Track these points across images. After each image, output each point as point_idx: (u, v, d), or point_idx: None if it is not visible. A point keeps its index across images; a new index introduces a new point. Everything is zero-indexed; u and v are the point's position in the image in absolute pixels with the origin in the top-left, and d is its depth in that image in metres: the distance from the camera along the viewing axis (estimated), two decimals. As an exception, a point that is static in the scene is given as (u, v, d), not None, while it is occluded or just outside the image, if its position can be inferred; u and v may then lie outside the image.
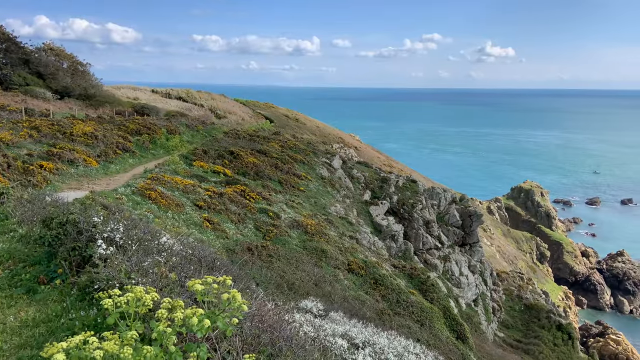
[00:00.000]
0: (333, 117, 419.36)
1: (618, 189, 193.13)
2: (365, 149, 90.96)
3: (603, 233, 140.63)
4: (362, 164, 56.10)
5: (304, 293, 14.74)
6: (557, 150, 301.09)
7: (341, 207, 35.53)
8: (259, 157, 35.99)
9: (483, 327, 35.45)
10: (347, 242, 26.66)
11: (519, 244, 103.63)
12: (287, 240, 21.18)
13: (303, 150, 45.84)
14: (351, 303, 16.03)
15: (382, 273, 22.14)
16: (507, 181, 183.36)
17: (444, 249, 41.40)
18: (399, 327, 15.96)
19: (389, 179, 47.50)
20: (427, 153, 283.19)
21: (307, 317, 7.06)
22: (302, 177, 36.56)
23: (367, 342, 6.17)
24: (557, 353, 38.31)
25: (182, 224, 18.43)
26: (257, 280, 14.60)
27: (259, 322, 4.11)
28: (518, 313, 44.51)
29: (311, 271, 17.88)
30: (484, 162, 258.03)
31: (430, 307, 20.42)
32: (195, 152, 33.33)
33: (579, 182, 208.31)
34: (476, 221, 46.85)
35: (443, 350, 16.22)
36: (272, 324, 4.09)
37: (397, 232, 37.55)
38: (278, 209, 26.19)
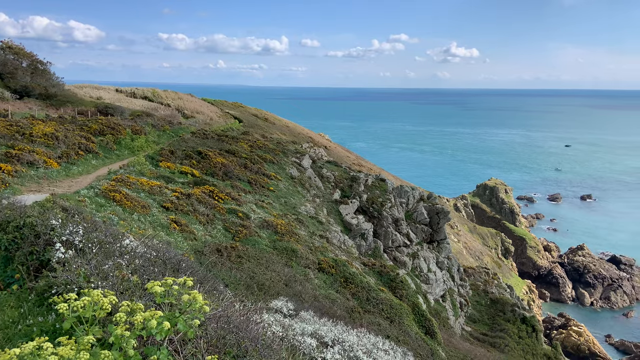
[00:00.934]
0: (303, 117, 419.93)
1: (578, 185, 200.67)
2: (335, 149, 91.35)
3: (564, 228, 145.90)
4: (331, 163, 56.29)
5: (275, 293, 14.66)
6: (520, 148, 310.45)
7: (311, 206, 35.55)
8: (227, 157, 35.60)
9: (451, 322, 36.16)
10: (317, 241, 26.70)
11: (485, 239, 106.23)
12: (257, 241, 21.03)
13: (272, 150, 45.62)
14: (322, 302, 16.06)
15: (352, 271, 22.26)
16: (473, 179, 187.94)
17: (413, 246, 42.02)
18: (369, 324, 16.08)
19: (358, 178, 47.84)
20: (395, 152, 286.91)
21: (276, 317, 7.02)
22: (271, 177, 36.38)
23: (337, 340, 6.18)
24: (522, 345, 39.48)
25: (149, 226, 18.03)
26: (226, 281, 14.43)
27: (225, 323, 4.04)
28: (484, 307, 45.63)
29: (281, 271, 17.81)
30: (450, 160, 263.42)
31: (399, 304, 20.68)
32: (162, 153, 32.67)
33: (541, 179, 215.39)
34: (443, 218, 47.73)
35: (412, 346, 16.45)
36: (238, 325, 4.04)
37: (366, 231, 37.86)
38: (247, 210, 25.97)
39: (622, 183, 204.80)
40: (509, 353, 35.76)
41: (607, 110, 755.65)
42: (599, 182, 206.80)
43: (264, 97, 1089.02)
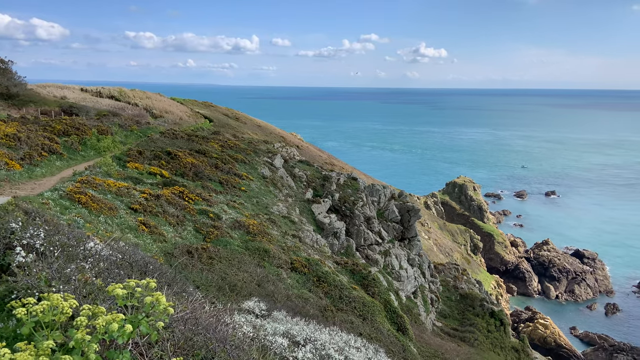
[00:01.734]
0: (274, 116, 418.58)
1: (542, 182, 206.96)
2: (307, 148, 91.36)
3: (530, 224, 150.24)
4: (304, 162, 56.28)
5: (247, 294, 14.55)
6: (487, 146, 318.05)
7: (283, 206, 35.45)
8: (198, 158, 35.10)
9: (422, 318, 36.71)
10: (290, 241, 26.64)
11: (454, 236, 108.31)
12: (229, 242, 20.82)
13: (244, 150, 45.26)
14: (294, 301, 16.04)
15: (324, 270, 22.32)
16: (442, 177, 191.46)
17: (384, 244, 42.45)
18: (341, 322, 16.16)
19: (330, 177, 47.99)
20: (366, 151, 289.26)
21: (248, 317, 6.97)
22: (243, 177, 36.09)
23: (309, 339, 6.18)
24: (490, 339, 40.45)
25: (116, 228, 17.61)
26: (197, 283, 14.24)
27: (194, 324, 3.98)
28: (454, 303, 46.52)
29: (254, 271, 17.69)
30: (420, 158, 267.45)
31: (371, 302, 20.86)
32: (130, 153, 31.95)
33: (507, 176, 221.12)
34: (414, 216, 48.40)
35: (384, 343, 16.62)
36: (207, 326, 3.98)
37: (339, 229, 38.02)
38: (219, 210, 25.68)
39: (584, 179, 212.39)
40: (478, 347, 36.59)
41: (569, 109, 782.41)
42: (562, 178, 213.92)
43: (235, 96, 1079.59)
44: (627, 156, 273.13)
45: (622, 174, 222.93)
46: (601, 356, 77.26)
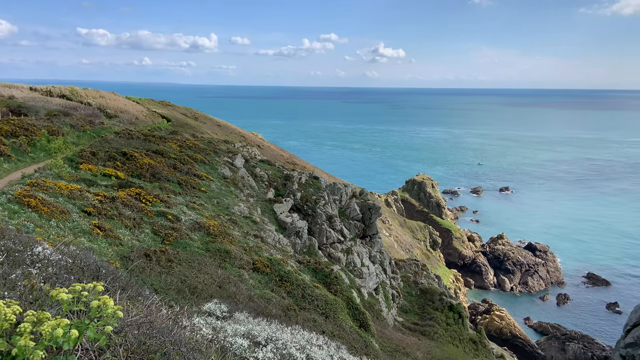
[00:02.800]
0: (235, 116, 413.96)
1: (496, 178, 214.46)
2: (268, 147, 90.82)
3: (485, 219, 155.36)
4: (265, 162, 55.92)
5: (208, 296, 14.33)
6: (444, 144, 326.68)
7: (245, 206, 35.11)
8: (155, 158, 34.23)
9: (384, 313, 37.28)
10: (251, 241, 26.42)
11: (414, 233, 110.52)
12: (189, 243, 20.44)
13: (203, 150, 44.49)
14: (257, 302, 15.93)
15: (287, 270, 22.29)
16: (402, 175, 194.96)
17: (347, 242, 42.81)
18: (304, 321, 16.19)
19: (292, 177, 47.92)
20: (327, 150, 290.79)
21: (208, 320, 6.87)
22: (203, 177, 35.49)
23: (270, 339, 6.17)
24: (449, 332, 41.57)
25: (69, 232, 16.93)
26: (156, 286, 13.91)
27: (149, 328, 3.89)
28: (415, 298, 47.51)
29: (215, 273, 17.44)
30: (380, 157, 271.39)
31: (334, 299, 20.99)
32: (82, 155, 30.78)
33: (464, 173, 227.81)
34: (375, 214, 49.06)
35: (347, 340, 16.78)
36: (162, 330, 3.89)
37: (301, 229, 38.04)
38: (178, 211, 25.15)
39: (536, 176, 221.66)
40: (438, 340, 37.53)
41: (522, 108, 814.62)
42: (515, 175, 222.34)
43: (194, 95, 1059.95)
44: (576, 153, 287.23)
45: (572, 170, 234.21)
46: (554, 345, 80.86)
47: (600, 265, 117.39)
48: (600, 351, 77.29)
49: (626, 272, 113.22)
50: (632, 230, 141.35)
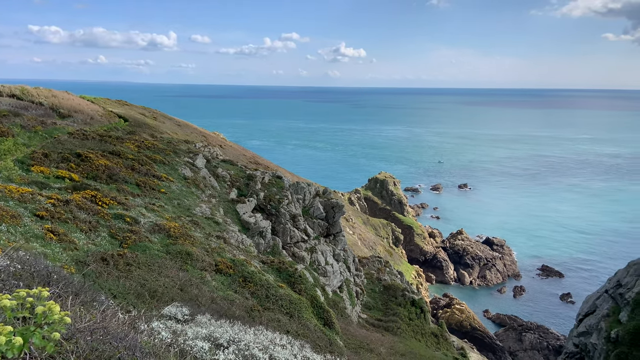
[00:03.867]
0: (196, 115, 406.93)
1: (456, 175, 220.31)
2: (230, 147, 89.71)
3: (445, 215, 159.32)
4: (227, 162, 55.22)
5: (169, 299, 14.05)
6: (404, 143, 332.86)
7: (207, 207, 34.58)
8: (112, 159, 33.19)
9: (348, 311, 37.62)
10: (214, 242, 26.06)
11: (377, 230, 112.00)
12: (148, 246, 19.94)
13: (163, 150, 43.47)
14: (220, 304, 15.74)
15: (250, 270, 22.12)
16: (365, 173, 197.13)
17: (310, 241, 42.90)
18: (268, 321, 16.13)
19: (255, 176, 47.56)
20: (290, 149, 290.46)
21: (168, 323, 6.74)
22: (162, 178, 34.69)
23: (232, 341, 6.11)
24: (412, 327, 42.42)
25: (20, 237, 16.20)
26: (114, 291, 13.51)
27: (103, 334, 3.77)
28: (378, 294, 48.17)
29: (176, 276, 17.11)
30: (343, 156, 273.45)
31: (298, 298, 21.01)
32: (34, 156, 29.46)
33: (424, 171, 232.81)
34: (338, 212, 49.38)
35: (311, 338, 16.84)
36: (117, 335, 3.79)
37: (265, 228, 37.83)
38: (136, 214, 24.49)
39: (492, 172, 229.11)
40: (401, 335, 38.21)
41: (479, 107, 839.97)
42: (473, 172, 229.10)
43: (153, 94, 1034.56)
44: (529, 150, 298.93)
45: (526, 167, 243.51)
46: (511, 336, 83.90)
47: (553, 257, 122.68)
48: (555, 340, 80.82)
49: (578, 264, 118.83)
50: (583, 223, 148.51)
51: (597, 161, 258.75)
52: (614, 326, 41.33)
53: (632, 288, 42.43)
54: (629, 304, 41.31)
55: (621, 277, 46.13)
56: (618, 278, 46.65)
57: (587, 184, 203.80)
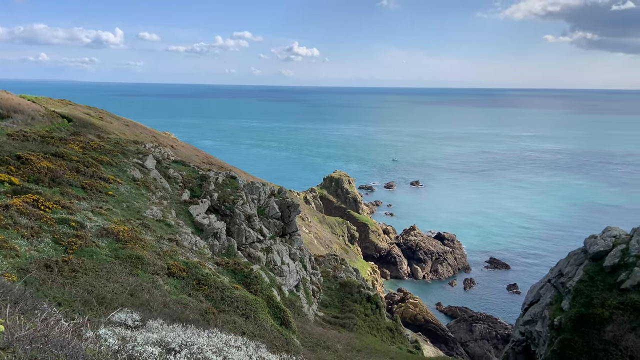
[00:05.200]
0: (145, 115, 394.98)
1: (407, 173, 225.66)
2: (182, 148, 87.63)
3: (399, 212, 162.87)
4: (179, 162, 53.92)
5: (118, 305, 13.58)
6: (358, 141, 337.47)
7: (158, 209, 33.63)
8: (55, 161, 31.63)
9: (305, 309, 37.72)
10: (166, 245, 25.39)
11: (333, 228, 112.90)
12: (95, 251, 19.17)
13: (110, 151, 41.86)
14: (172, 308, 15.38)
15: (204, 272, 21.74)
16: (320, 172, 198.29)
17: (266, 241, 42.65)
18: (224, 323, 15.93)
19: (208, 177, 46.71)
20: (244, 149, 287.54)
21: (117, 330, 6.52)
22: (110, 180, 33.41)
23: (185, 345, 6.00)
24: (368, 322, 43.11)
25: (-48, 246, 15.17)
26: (59, 299, 12.91)
27: (43, 343, 3.61)
28: (334, 292, 48.60)
29: (125, 281, 16.56)
30: (297, 155, 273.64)
31: (254, 299, 20.86)
32: (-33, 159, 27.63)
33: (377, 169, 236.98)
34: (294, 211, 49.37)
35: (268, 338, 16.77)
36: (59, 344, 3.63)
37: (219, 230, 37.25)
38: (82, 218, 23.48)
39: (441, 169, 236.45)
40: (357, 331, 38.75)
41: (427, 106, 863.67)
42: (423, 169, 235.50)
43: (99, 93, 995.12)
44: (474, 147, 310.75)
45: (472, 163, 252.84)
46: (462, 327, 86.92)
47: (500, 250, 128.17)
48: (503, 330, 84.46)
49: (523, 255, 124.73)
50: (527, 217, 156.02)
51: (539, 157, 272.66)
52: (556, 314, 43.67)
53: (573, 277, 44.96)
54: (570, 292, 43.74)
55: (562, 266, 48.78)
56: (559, 268, 49.30)
57: (530, 179, 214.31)
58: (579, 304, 41.24)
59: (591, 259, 44.68)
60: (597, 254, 44.37)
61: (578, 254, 47.80)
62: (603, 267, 42.50)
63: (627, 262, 41.00)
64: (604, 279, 41.47)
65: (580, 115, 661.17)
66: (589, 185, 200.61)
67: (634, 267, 39.75)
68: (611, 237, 45.13)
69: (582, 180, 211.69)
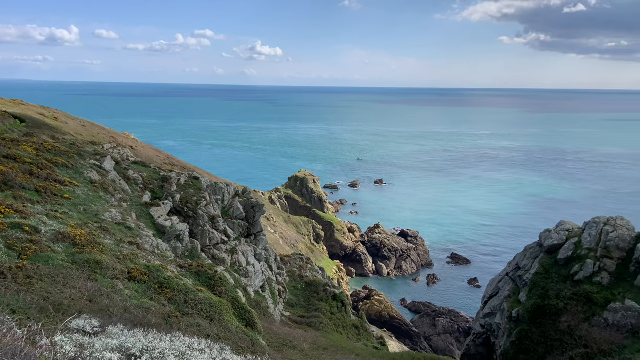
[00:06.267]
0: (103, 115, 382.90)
1: (371, 171, 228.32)
2: (142, 148, 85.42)
3: (363, 210, 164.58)
4: (139, 163, 52.54)
5: (76, 311, 13.14)
6: (321, 140, 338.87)
7: (117, 211, 32.67)
8: (6, 164, 30.21)
9: (271, 310, 37.58)
10: (126, 248, 24.72)
11: (299, 228, 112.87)
12: (51, 256, 18.46)
13: (65, 153, 40.32)
14: (133, 312, 15.01)
15: (167, 275, 21.31)
16: (284, 171, 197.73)
17: (231, 242, 42.20)
18: (187, 326, 15.68)
19: (169, 178, 45.75)
20: (207, 149, 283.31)
21: (74, 336, 6.32)
22: (66, 182, 32.21)
23: (146, 349, 5.88)
24: (333, 320, 43.39)
25: None
26: (13, 306, 12.37)
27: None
28: (300, 291, 48.64)
29: (83, 286, 16.03)
30: (262, 154, 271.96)
31: (218, 301, 20.62)
32: None
33: (341, 167, 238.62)
34: (259, 211, 49.06)
35: (233, 340, 16.62)
36: (10, 352, 3.49)
37: (182, 232, 36.58)
38: (36, 222, 22.55)
39: (403, 167, 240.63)
40: (323, 329, 38.93)
41: (388, 105, 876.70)
42: (386, 167, 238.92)
43: (53, 93, 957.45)
44: (434, 145, 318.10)
45: (432, 161, 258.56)
46: (426, 321, 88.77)
47: (461, 245, 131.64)
48: (465, 323, 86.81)
49: (483, 250, 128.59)
50: (485, 212, 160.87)
51: (496, 155, 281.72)
52: (514, 306, 45.25)
53: (529, 270, 46.70)
54: (526, 285, 45.41)
55: (519, 260, 50.58)
56: (516, 261, 51.09)
57: (487, 175, 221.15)
58: (535, 296, 42.84)
59: (546, 252, 46.50)
60: (551, 247, 46.19)
61: (534, 247, 49.66)
62: (557, 260, 44.31)
63: (580, 254, 42.92)
64: (558, 271, 43.25)
65: (534, 114, 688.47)
66: (543, 181, 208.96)
67: (586, 259, 41.65)
68: (564, 230, 47.11)
69: (536, 176, 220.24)
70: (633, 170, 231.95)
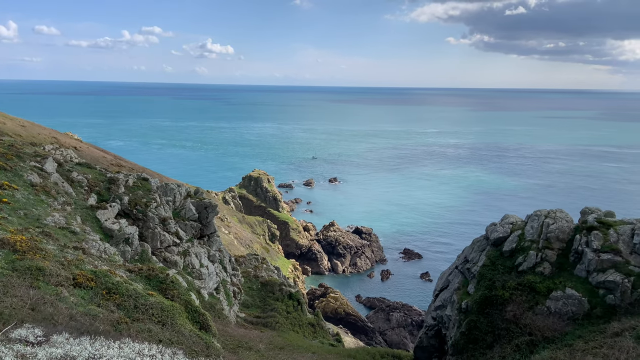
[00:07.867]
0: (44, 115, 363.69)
1: (325, 170, 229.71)
2: (87, 149, 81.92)
3: (318, 209, 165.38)
4: (84, 165, 50.32)
5: (18, 321, 12.47)
6: (274, 139, 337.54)
7: (61, 215, 31.16)
8: None
9: (226, 311, 37.10)
10: (70, 254, 23.65)
11: (254, 228, 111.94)
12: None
13: (3, 155, 38.02)
14: (80, 320, 14.41)
15: (115, 281, 20.57)
16: (238, 171, 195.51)
17: (183, 244, 41.26)
18: (138, 332, 15.22)
19: (117, 180, 44.10)
20: (157, 149, 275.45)
21: (16, 347, 6.02)
22: (4, 186, 30.40)
23: (92, 358, 5.68)
24: (290, 319, 43.39)
25: None
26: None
27: None
28: (256, 291, 48.31)
29: (25, 295, 15.21)
30: (214, 154, 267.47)
31: (171, 305, 20.12)
32: None
33: (295, 166, 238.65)
34: (212, 212, 48.22)
35: (186, 344, 16.30)
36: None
37: (131, 235, 35.39)
38: (-30, 229, 21.18)
39: (356, 165, 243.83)
40: (279, 329, 38.86)
41: (340, 104, 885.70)
42: (340, 165, 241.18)
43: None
44: (385, 143, 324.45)
45: (384, 159, 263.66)
46: (380, 316, 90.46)
47: (413, 241, 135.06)
48: (417, 316, 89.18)
49: (433, 244, 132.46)
50: (435, 208, 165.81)
51: (443, 152, 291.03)
52: (464, 298, 46.92)
53: (477, 262, 48.54)
54: (475, 277, 47.17)
55: (468, 253, 52.46)
56: (465, 254, 52.96)
57: (435, 172, 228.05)
58: (482, 287, 44.58)
59: (492, 245, 48.50)
60: (497, 240, 48.26)
61: (481, 240, 51.65)
62: (503, 252, 46.31)
63: (523, 246, 45.06)
64: (504, 262, 45.22)
65: (478, 112, 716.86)
66: (488, 177, 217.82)
67: (529, 251, 43.77)
68: (509, 224, 49.29)
69: (481, 172, 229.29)
70: (569, 165, 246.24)
